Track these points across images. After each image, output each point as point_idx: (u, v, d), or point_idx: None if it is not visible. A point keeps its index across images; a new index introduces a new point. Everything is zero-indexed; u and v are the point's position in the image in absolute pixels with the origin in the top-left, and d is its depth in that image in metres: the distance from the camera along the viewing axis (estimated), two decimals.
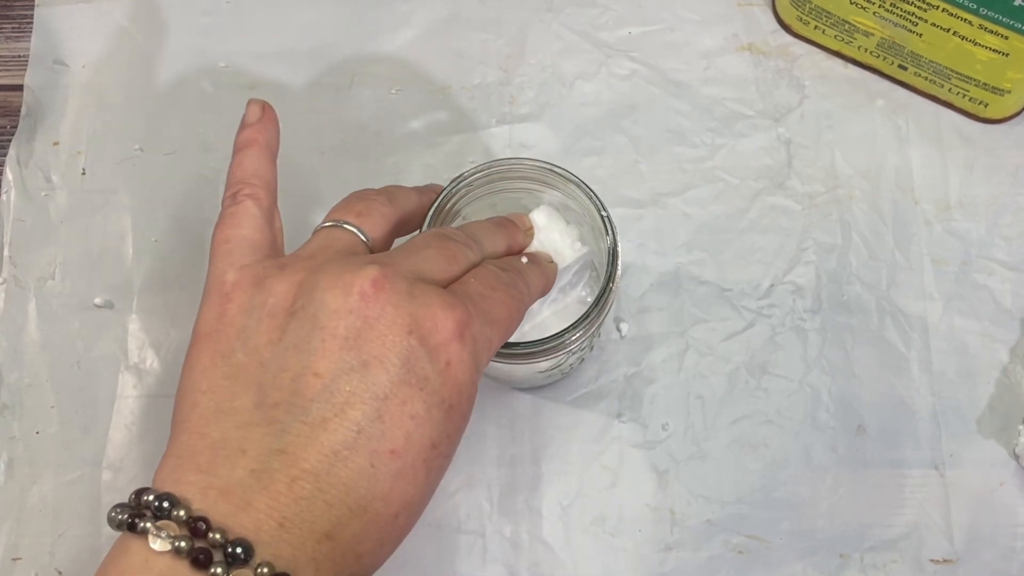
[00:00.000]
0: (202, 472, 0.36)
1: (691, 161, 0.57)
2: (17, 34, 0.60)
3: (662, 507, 0.52)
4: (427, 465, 0.37)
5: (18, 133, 0.58)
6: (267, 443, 0.36)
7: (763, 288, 0.55)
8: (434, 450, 0.37)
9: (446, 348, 0.37)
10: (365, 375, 0.36)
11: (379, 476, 0.36)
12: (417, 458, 0.37)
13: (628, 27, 0.59)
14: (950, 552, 0.51)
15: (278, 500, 0.35)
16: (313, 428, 0.36)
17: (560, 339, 0.46)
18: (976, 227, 0.56)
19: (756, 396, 0.53)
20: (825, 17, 0.56)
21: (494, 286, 0.40)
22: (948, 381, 0.53)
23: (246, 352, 0.37)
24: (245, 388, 0.37)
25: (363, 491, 0.36)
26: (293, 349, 0.37)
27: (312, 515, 0.35)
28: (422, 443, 0.37)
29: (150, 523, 0.35)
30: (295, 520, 0.35)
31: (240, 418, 0.36)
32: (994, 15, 0.50)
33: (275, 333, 0.37)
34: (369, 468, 0.36)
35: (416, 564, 0.51)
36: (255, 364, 0.37)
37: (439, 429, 0.37)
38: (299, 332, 0.37)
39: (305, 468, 0.35)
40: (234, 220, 0.41)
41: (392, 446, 0.36)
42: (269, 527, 0.35)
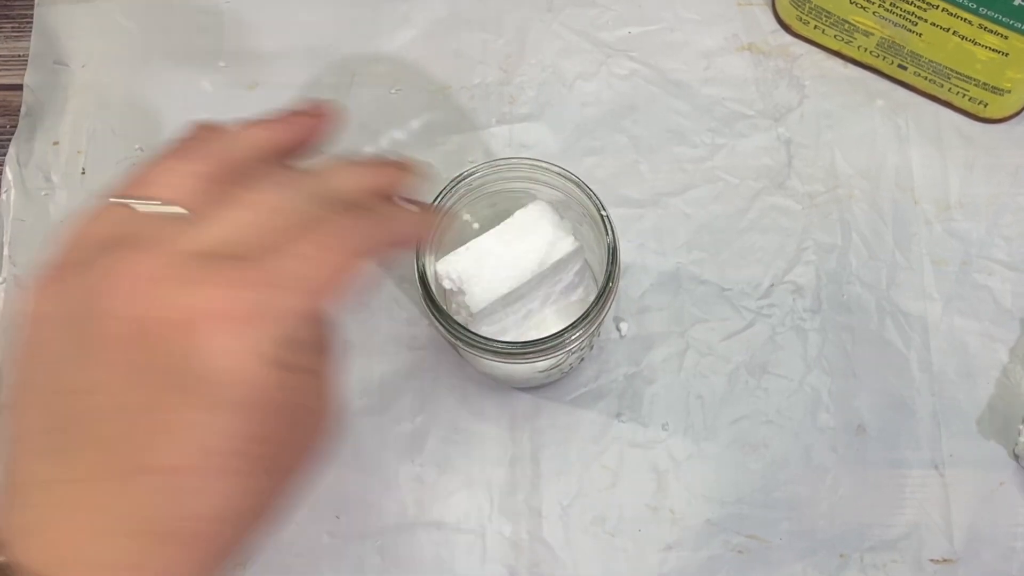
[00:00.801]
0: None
1: (691, 161, 0.57)
2: (17, 33, 0.60)
3: (662, 507, 0.52)
4: (225, 471, 0.32)
5: (18, 133, 0.58)
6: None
7: (763, 288, 0.55)
8: (233, 456, 0.32)
9: (208, 340, 0.31)
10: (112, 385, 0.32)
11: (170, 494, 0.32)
12: (208, 467, 0.32)
13: (628, 27, 0.59)
14: (950, 552, 0.51)
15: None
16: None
17: (560, 339, 0.46)
18: (976, 227, 0.56)
19: (756, 396, 0.53)
20: (825, 17, 0.56)
21: (297, 235, 0.33)
22: (948, 381, 0.53)
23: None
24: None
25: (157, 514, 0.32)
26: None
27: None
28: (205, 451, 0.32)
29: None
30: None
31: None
32: (994, 15, 0.50)
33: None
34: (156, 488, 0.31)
35: (415, 564, 0.51)
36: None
37: (227, 432, 0.32)
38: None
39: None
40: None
41: (166, 462, 0.31)
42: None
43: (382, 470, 0.53)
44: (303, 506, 0.52)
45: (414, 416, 0.54)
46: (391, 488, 0.52)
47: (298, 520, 0.52)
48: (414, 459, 0.53)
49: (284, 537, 0.52)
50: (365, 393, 0.54)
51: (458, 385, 0.54)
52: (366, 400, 0.54)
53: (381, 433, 0.53)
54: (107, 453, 0.31)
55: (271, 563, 0.51)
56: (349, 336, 0.55)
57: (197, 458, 0.31)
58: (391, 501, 0.52)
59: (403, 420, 0.53)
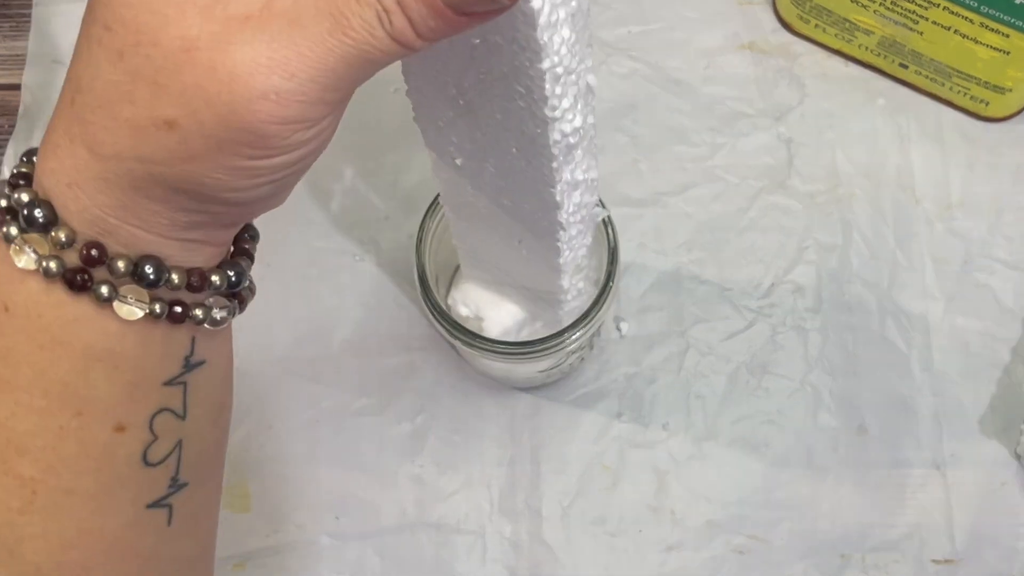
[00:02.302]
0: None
1: (691, 160, 0.57)
2: (15, 33, 0.60)
3: (662, 507, 0.52)
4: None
5: (16, 132, 0.58)
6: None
7: (764, 287, 0.55)
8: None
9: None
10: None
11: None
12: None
13: (628, 25, 0.59)
14: (952, 552, 0.51)
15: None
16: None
17: (560, 339, 0.46)
18: (977, 226, 0.55)
19: (757, 396, 0.53)
20: (826, 15, 0.56)
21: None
22: (950, 381, 0.53)
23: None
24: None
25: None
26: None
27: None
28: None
29: (15, 229, 0.31)
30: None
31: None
32: (995, 13, 0.50)
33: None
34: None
35: (415, 564, 0.51)
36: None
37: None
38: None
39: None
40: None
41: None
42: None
43: (382, 470, 0.53)
44: (303, 506, 0.52)
45: (414, 416, 0.53)
46: (391, 488, 0.52)
47: (297, 520, 0.52)
48: (414, 459, 0.53)
49: (284, 537, 0.52)
50: (365, 393, 0.54)
51: (458, 385, 0.54)
52: (366, 400, 0.53)
53: (381, 433, 0.53)
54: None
55: (271, 563, 0.51)
56: (349, 336, 0.54)
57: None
58: (391, 501, 0.52)
59: (403, 420, 0.53)
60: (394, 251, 0.55)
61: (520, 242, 0.43)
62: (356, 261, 0.56)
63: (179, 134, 0.29)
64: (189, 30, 0.28)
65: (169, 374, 0.34)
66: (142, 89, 0.29)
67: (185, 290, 0.32)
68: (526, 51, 0.31)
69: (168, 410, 0.34)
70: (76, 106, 0.30)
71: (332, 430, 0.53)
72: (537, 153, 0.36)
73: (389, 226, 0.56)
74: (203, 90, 0.28)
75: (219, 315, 0.33)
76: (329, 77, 0.29)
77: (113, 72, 0.29)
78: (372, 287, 0.55)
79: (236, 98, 0.28)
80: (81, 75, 0.30)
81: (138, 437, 0.33)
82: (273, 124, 0.29)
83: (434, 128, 0.38)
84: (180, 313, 0.32)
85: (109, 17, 0.29)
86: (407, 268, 0.50)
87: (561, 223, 0.40)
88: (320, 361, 0.54)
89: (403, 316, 0.55)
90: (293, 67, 0.28)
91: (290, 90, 0.28)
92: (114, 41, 0.29)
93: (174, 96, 0.28)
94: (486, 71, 0.33)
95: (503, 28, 0.31)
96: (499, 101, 0.34)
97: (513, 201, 0.40)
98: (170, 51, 0.28)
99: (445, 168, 0.41)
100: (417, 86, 0.36)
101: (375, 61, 0.29)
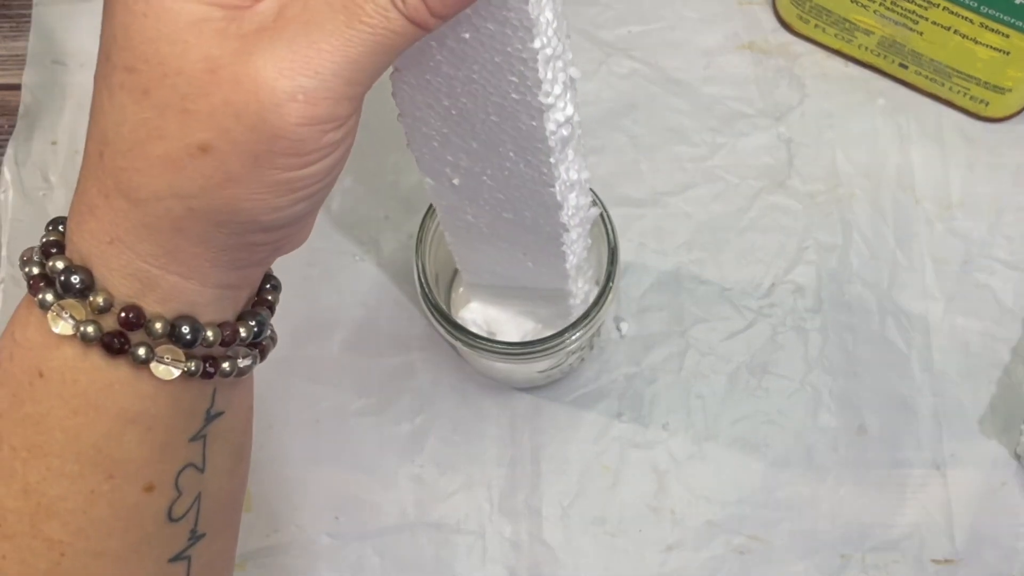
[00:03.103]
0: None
1: (691, 160, 0.57)
2: (15, 33, 0.60)
3: (662, 507, 0.52)
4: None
5: (16, 132, 0.58)
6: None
7: (764, 287, 0.55)
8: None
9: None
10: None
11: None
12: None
13: (628, 25, 0.59)
14: (952, 552, 0.51)
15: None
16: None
17: (560, 339, 0.46)
18: (977, 226, 0.55)
19: (757, 396, 0.53)
20: (826, 15, 0.56)
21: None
22: (950, 381, 0.53)
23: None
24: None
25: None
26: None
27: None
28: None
29: (51, 296, 0.31)
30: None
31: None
32: (995, 13, 0.50)
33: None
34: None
35: (415, 565, 0.51)
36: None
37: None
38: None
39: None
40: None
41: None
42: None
43: (382, 470, 0.53)
44: (303, 506, 0.52)
45: (414, 416, 0.53)
46: (391, 488, 0.52)
47: (297, 520, 0.52)
48: (414, 459, 0.53)
49: (283, 537, 0.52)
50: (365, 393, 0.54)
51: (458, 385, 0.54)
52: (366, 400, 0.53)
53: (381, 433, 0.53)
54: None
55: (271, 563, 0.51)
56: (349, 337, 0.54)
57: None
58: (391, 501, 0.52)
59: (403, 420, 0.53)
60: (394, 251, 0.55)
61: (524, 254, 0.44)
62: (356, 261, 0.56)
63: (214, 157, 0.29)
64: (210, 51, 0.28)
65: (194, 429, 0.34)
66: (171, 120, 0.29)
67: (218, 346, 0.33)
68: (519, 31, 0.32)
69: (191, 465, 0.34)
70: (105, 159, 0.30)
71: (332, 430, 0.53)
72: (534, 149, 0.36)
73: (389, 226, 0.56)
74: (232, 105, 0.28)
75: (243, 364, 0.34)
76: (351, 69, 0.29)
77: (140, 111, 0.29)
78: (372, 287, 0.55)
79: (265, 105, 0.28)
80: (105, 127, 0.30)
81: (165, 495, 0.34)
82: (304, 126, 0.29)
83: (429, 150, 0.39)
84: (211, 368, 0.33)
85: (131, 58, 0.29)
86: (407, 268, 0.50)
87: (564, 224, 0.40)
88: (320, 361, 0.54)
89: (403, 316, 0.55)
90: (315, 64, 0.28)
91: (316, 88, 0.28)
92: (139, 80, 0.29)
93: (204, 118, 0.29)
94: (479, 68, 0.33)
95: (495, 11, 0.31)
96: (493, 99, 0.34)
97: (514, 212, 0.40)
98: (194, 75, 0.28)
99: (444, 193, 0.41)
100: (409, 109, 0.37)
101: (393, 46, 0.29)
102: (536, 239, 0.42)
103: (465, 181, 0.40)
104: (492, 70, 0.33)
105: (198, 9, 0.28)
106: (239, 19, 0.29)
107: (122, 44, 0.29)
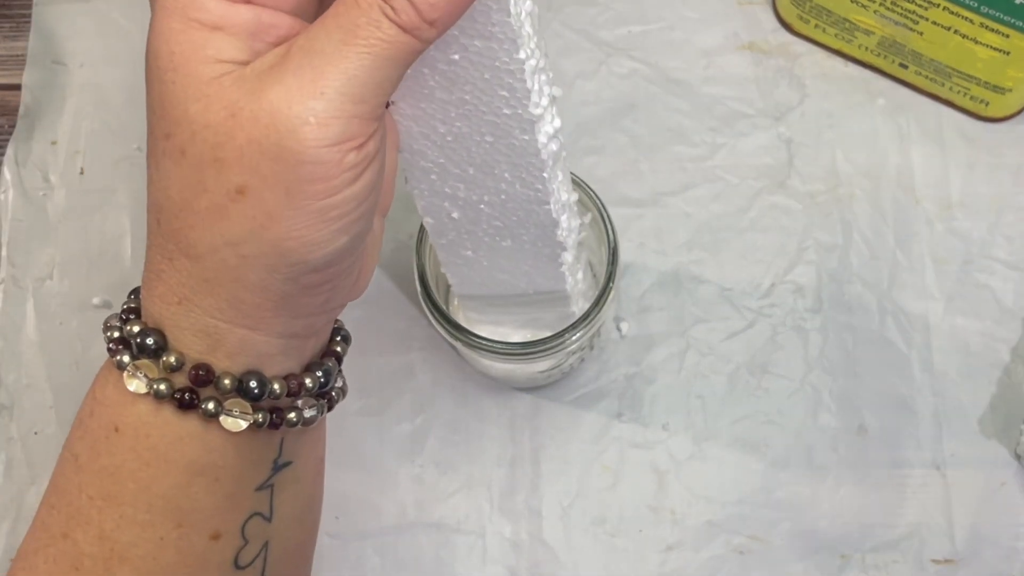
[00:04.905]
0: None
1: (691, 160, 0.57)
2: (15, 33, 0.60)
3: (662, 507, 0.52)
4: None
5: (16, 132, 0.58)
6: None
7: (764, 287, 0.55)
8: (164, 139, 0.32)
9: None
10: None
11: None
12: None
13: (628, 26, 0.59)
14: (952, 552, 0.51)
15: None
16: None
17: (560, 339, 0.46)
18: (978, 226, 0.55)
19: (757, 396, 0.53)
20: (826, 15, 0.56)
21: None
22: (950, 381, 0.53)
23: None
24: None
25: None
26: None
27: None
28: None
29: (127, 357, 0.34)
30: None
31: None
32: (995, 13, 0.50)
33: None
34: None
35: (415, 565, 0.51)
36: None
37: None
38: None
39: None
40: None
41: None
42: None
43: (382, 470, 0.53)
44: None
45: (414, 416, 0.53)
46: (391, 488, 0.52)
47: None
48: (414, 459, 0.53)
49: None
50: (365, 393, 0.54)
51: (458, 385, 0.54)
52: (366, 400, 0.53)
53: (381, 433, 0.53)
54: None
55: None
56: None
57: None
58: (391, 501, 0.52)
59: (403, 420, 0.53)
60: (394, 251, 0.55)
61: (528, 282, 0.45)
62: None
63: (251, 196, 0.31)
64: (229, 98, 0.30)
65: (261, 479, 0.36)
66: (209, 173, 0.31)
67: (284, 397, 0.35)
68: (504, 43, 0.33)
69: (258, 514, 0.36)
70: (162, 224, 0.32)
71: (332, 430, 0.53)
72: (528, 165, 0.38)
73: (389, 226, 0.56)
74: (255, 142, 0.30)
75: (308, 414, 0.36)
76: (354, 85, 0.30)
77: (181, 172, 0.31)
78: (372, 287, 0.55)
79: (282, 134, 0.30)
80: (157, 195, 0.32)
81: (232, 544, 0.36)
82: (321, 147, 0.30)
83: (428, 184, 0.40)
84: (277, 420, 0.35)
85: (167, 125, 0.31)
86: (407, 268, 0.49)
87: (561, 243, 0.42)
88: None
89: (403, 316, 0.55)
90: (320, 85, 0.30)
91: (324, 108, 0.30)
92: (175, 143, 0.31)
93: (234, 162, 0.30)
94: (470, 88, 0.35)
95: (480, 28, 0.32)
96: (487, 118, 0.36)
97: (512, 238, 0.42)
98: (219, 124, 0.30)
99: (444, 231, 0.43)
100: (407, 142, 0.38)
101: (391, 58, 0.30)
102: (535, 262, 0.43)
103: (464, 213, 0.41)
104: (483, 87, 0.35)
105: (218, 67, 0.31)
106: (253, 64, 0.31)
107: (159, 114, 0.31)
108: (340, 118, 0.30)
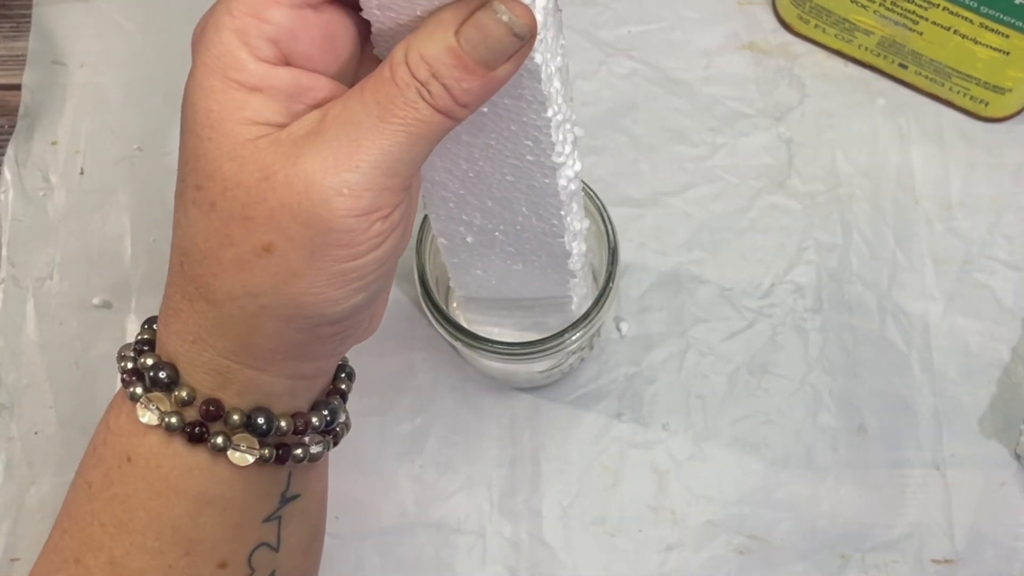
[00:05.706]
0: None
1: (691, 160, 0.57)
2: (15, 33, 0.60)
3: (662, 507, 0.52)
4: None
5: (16, 133, 0.58)
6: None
7: (764, 287, 0.55)
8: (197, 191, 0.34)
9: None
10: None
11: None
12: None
13: (628, 26, 0.59)
14: (952, 552, 0.51)
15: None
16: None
17: (560, 339, 0.46)
18: (977, 226, 0.55)
19: (757, 396, 0.53)
20: (825, 16, 0.56)
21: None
22: (949, 381, 0.53)
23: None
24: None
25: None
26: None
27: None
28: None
29: (140, 389, 0.35)
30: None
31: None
32: (995, 13, 0.50)
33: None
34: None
35: (415, 565, 0.51)
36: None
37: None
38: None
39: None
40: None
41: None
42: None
43: (382, 470, 0.53)
44: None
45: (414, 416, 0.53)
46: (391, 488, 0.52)
47: None
48: (414, 459, 0.53)
49: None
50: (365, 393, 0.53)
51: (458, 385, 0.54)
52: (366, 400, 0.53)
53: (381, 433, 0.53)
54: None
55: None
56: None
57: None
58: (391, 501, 0.52)
59: (403, 420, 0.53)
60: None
61: (535, 306, 0.46)
62: None
63: (277, 255, 0.32)
64: (264, 161, 0.31)
65: (268, 511, 0.37)
66: (236, 228, 0.32)
67: (291, 434, 0.36)
68: (533, 104, 0.34)
69: (265, 544, 0.37)
70: (185, 268, 0.34)
71: None
72: (546, 204, 0.38)
73: None
74: (287, 207, 0.31)
75: (315, 450, 0.37)
76: (388, 160, 0.31)
77: (209, 223, 0.32)
78: None
79: (315, 203, 0.31)
80: (183, 240, 0.34)
81: (238, 572, 0.37)
82: (352, 217, 0.31)
83: (445, 211, 0.41)
84: (283, 455, 0.36)
85: (199, 177, 0.32)
86: (407, 268, 0.49)
87: (571, 271, 0.43)
88: None
89: (403, 316, 0.55)
90: (355, 159, 0.31)
91: (358, 181, 0.31)
92: (206, 196, 0.32)
93: (264, 222, 0.31)
94: (496, 135, 0.36)
95: (510, 89, 0.33)
96: (510, 162, 0.37)
97: (524, 263, 0.43)
98: (252, 185, 0.31)
99: (456, 251, 0.43)
100: (429, 174, 0.39)
101: (425, 136, 0.32)
102: (544, 284, 0.44)
103: (478, 239, 0.42)
104: (508, 136, 0.36)
105: (254, 129, 0.32)
106: (289, 129, 0.32)
107: (192, 165, 0.33)
108: (372, 190, 0.31)
